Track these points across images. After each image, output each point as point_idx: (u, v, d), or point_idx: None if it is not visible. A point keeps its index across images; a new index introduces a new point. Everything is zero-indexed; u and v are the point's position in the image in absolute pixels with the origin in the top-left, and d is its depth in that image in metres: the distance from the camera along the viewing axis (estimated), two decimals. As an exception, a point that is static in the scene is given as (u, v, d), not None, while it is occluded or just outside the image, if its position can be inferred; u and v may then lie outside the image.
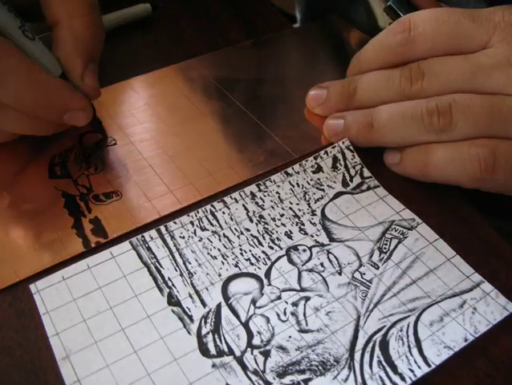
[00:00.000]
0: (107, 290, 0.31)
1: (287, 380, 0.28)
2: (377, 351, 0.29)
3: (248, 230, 0.34)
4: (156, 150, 0.39)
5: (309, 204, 0.36)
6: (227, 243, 0.33)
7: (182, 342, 0.29)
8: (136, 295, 0.31)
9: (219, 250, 0.33)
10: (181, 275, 0.32)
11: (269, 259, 0.33)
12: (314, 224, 0.35)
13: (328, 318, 0.30)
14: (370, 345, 0.29)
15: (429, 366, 0.28)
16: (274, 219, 0.35)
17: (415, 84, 0.36)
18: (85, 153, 0.38)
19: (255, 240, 0.34)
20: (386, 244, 0.34)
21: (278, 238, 0.34)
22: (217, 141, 0.40)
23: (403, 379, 0.28)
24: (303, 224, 0.35)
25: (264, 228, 0.34)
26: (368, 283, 0.32)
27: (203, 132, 0.41)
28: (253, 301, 0.31)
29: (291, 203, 0.36)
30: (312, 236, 0.34)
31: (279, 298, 0.31)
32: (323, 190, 0.37)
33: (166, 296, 0.31)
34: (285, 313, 0.30)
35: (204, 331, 0.29)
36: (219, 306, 0.30)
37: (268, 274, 0.32)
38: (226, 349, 0.29)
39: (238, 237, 0.34)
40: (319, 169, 0.38)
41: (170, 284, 0.31)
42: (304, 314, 0.30)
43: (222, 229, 0.34)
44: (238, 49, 0.48)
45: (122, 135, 0.40)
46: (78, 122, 0.36)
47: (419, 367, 0.28)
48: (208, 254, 0.33)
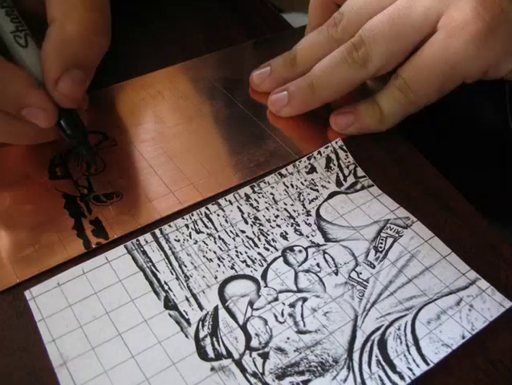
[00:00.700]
0: (102, 295, 0.31)
1: (286, 382, 0.28)
2: (375, 351, 0.29)
3: (243, 232, 0.34)
4: (157, 151, 0.39)
5: (303, 204, 0.36)
6: (222, 245, 0.33)
7: (180, 346, 0.29)
8: (133, 300, 0.30)
9: (215, 253, 0.33)
10: (177, 278, 0.32)
11: (265, 260, 0.33)
12: (309, 224, 0.35)
13: (326, 319, 0.30)
14: (368, 344, 0.29)
15: (428, 364, 0.28)
16: (269, 220, 0.35)
17: (338, 26, 0.39)
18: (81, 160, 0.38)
19: (251, 241, 0.34)
20: (381, 243, 0.34)
21: (274, 239, 0.34)
22: (218, 142, 0.40)
23: (402, 378, 0.28)
24: (298, 224, 0.35)
25: (259, 229, 0.34)
26: (365, 282, 0.32)
27: (203, 133, 0.40)
28: (250, 303, 0.31)
29: (286, 204, 0.36)
30: (308, 236, 0.34)
31: (276, 300, 0.31)
32: (318, 190, 0.37)
33: (163, 300, 0.31)
34: (282, 314, 0.30)
35: (201, 334, 0.29)
36: (216, 309, 0.30)
37: (264, 276, 0.32)
38: (225, 352, 0.29)
39: (234, 239, 0.34)
40: (313, 169, 0.38)
41: (166, 287, 0.31)
42: (302, 315, 0.30)
43: (217, 232, 0.34)
44: (238, 49, 0.48)
45: (122, 135, 0.40)
46: (37, 121, 0.33)
47: (417, 366, 0.28)
48: (203, 257, 0.33)
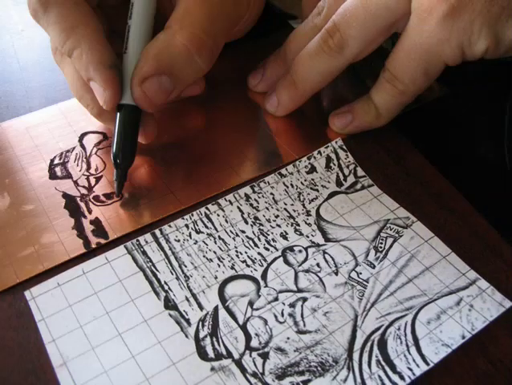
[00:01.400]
0: (102, 295, 0.31)
1: (286, 382, 0.28)
2: (375, 351, 0.29)
3: (243, 232, 0.34)
4: (157, 151, 0.39)
5: (303, 204, 0.36)
6: (222, 245, 0.33)
7: (180, 346, 0.29)
8: (133, 300, 0.30)
9: (215, 253, 0.33)
10: (177, 278, 0.32)
11: (265, 260, 0.33)
12: (309, 224, 0.35)
13: (326, 319, 0.30)
14: (368, 344, 0.29)
15: (428, 364, 0.28)
16: (269, 220, 0.35)
17: (321, 14, 0.39)
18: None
19: (251, 241, 0.34)
20: (381, 243, 0.34)
21: (274, 239, 0.34)
22: (218, 142, 0.40)
23: (402, 378, 0.28)
24: (298, 224, 0.35)
25: (259, 229, 0.34)
26: (365, 282, 0.32)
27: (203, 133, 0.40)
28: (250, 303, 0.31)
29: (286, 204, 0.36)
30: (308, 236, 0.34)
31: (276, 300, 0.31)
32: (318, 190, 0.37)
33: (163, 300, 0.31)
34: (282, 314, 0.30)
35: (202, 334, 0.29)
36: (216, 309, 0.30)
37: (264, 276, 0.32)
38: (225, 352, 0.29)
39: (234, 239, 0.34)
40: (313, 169, 0.38)
41: (166, 288, 0.31)
42: (302, 315, 0.30)
43: (217, 232, 0.34)
44: (238, 49, 0.48)
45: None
46: (97, 96, 0.34)
47: (417, 366, 0.28)
48: (203, 257, 0.33)
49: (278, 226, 0.34)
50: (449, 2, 0.33)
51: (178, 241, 0.33)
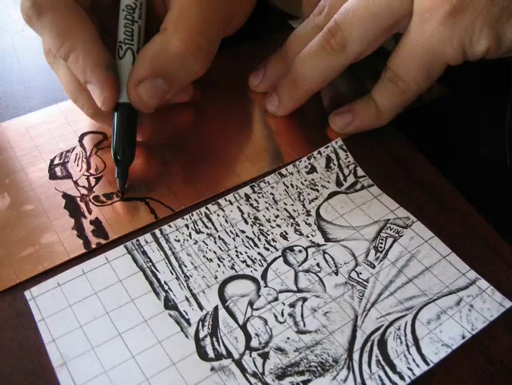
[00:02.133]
0: (102, 295, 0.31)
1: (286, 382, 0.28)
2: (375, 351, 0.29)
3: (243, 232, 0.34)
4: (157, 151, 0.39)
5: (303, 204, 0.36)
6: (222, 245, 0.33)
7: (180, 346, 0.29)
8: (133, 300, 0.30)
9: (215, 253, 0.33)
10: (177, 278, 0.32)
11: (265, 260, 0.33)
12: (309, 224, 0.35)
13: (326, 319, 0.30)
14: (368, 344, 0.29)
15: (428, 364, 0.28)
16: (269, 220, 0.35)
17: (322, 13, 0.39)
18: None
19: (251, 241, 0.34)
20: (381, 243, 0.34)
21: (274, 239, 0.34)
22: (218, 142, 0.40)
23: (402, 378, 0.28)
24: (298, 224, 0.35)
25: (259, 229, 0.34)
26: (365, 282, 0.32)
27: (204, 133, 0.40)
28: (250, 303, 0.31)
29: (286, 204, 0.36)
30: (308, 236, 0.34)
31: (276, 300, 0.31)
32: (318, 190, 0.37)
33: (163, 300, 0.31)
34: (282, 314, 0.30)
35: (201, 334, 0.29)
36: (216, 309, 0.30)
37: (264, 276, 0.32)
38: (225, 352, 0.29)
39: (234, 239, 0.34)
40: (313, 169, 0.38)
41: (166, 288, 0.31)
42: (302, 315, 0.30)
43: (217, 232, 0.34)
44: (238, 49, 0.48)
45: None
46: (95, 97, 0.34)
47: (417, 366, 0.28)
48: (203, 257, 0.33)
49: (278, 226, 0.34)
50: (451, 3, 0.33)
51: (178, 241, 0.33)
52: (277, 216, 0.35)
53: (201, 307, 0.30)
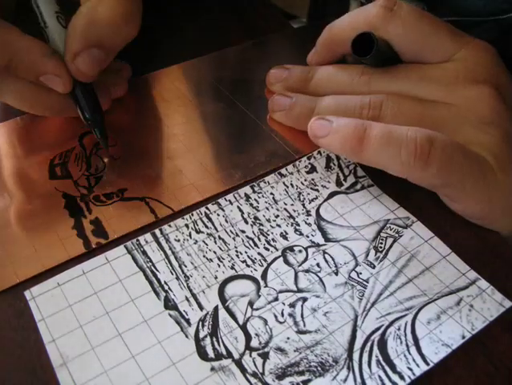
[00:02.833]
0: (102, 295, 0.31)
1: (286, 382, 0.28)
2: (375, 351, 0.29)
3: (243, 232, 0.34)
4: (157, 151, 0.39)
5: (303, 204, 0.36)
6: (222, 245, 0.33)
7: (180, 346, 0.29)
8: (133, 300, 0.30)
9: (215, 253, 0.33)
10: (177, 278, 0.32)
11: (265, 260, 0.33)
12: (309, 224, 0.35)
13: (326, 319, 0.30)
14: (368, 344, 0.29)
15: (428, 364, 0.28)
16: (269, 220, 0.35)
17: (363, 76, 0.38)
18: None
19: (251, 241, 0.34)
20: (381, 243, 0.34)
21: (274, 239, 0.34)
22: (218, 142, 0.40)
23: (402, 378, 0.28)
24: (298, 224, 0.35)
25: (259, 229, 0.34)
26: (365, 282, 0.32)
27: (204, 133, 0.40)
28: (250, 303, 0.31)
29: (286, 204, 0.36)
30: (308, 236, 0.34)
31: (276, 300, 0.31)
32: (318, 190, 0.37)
33: (163, 300, 0.31)
34: (282, 314, 0.30)
35: (201, 334, 0.29)
36: (216, 309, 0.30)
37: (264, 276, 0.32)
38: (225, 352, 0.29)
39: (234, 239, 0.34)
40: (313, 169, 0.38)
41: (166, 287, 0.31)
42: (302, 315, 0.30)
43: (217, 232, 0.34)
44: (239, 49, 0.48)
45: (122, 135, 0.40)
46: (54, 86, 0.35)
47: (417, 366, 0.28)
48: (203, 257, 0.33)
49: (278, 226, 0.34)
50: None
51: (178, 241, 0.33)
52: (277, 216, 0.35)
53: (201, 307, 0.30)
